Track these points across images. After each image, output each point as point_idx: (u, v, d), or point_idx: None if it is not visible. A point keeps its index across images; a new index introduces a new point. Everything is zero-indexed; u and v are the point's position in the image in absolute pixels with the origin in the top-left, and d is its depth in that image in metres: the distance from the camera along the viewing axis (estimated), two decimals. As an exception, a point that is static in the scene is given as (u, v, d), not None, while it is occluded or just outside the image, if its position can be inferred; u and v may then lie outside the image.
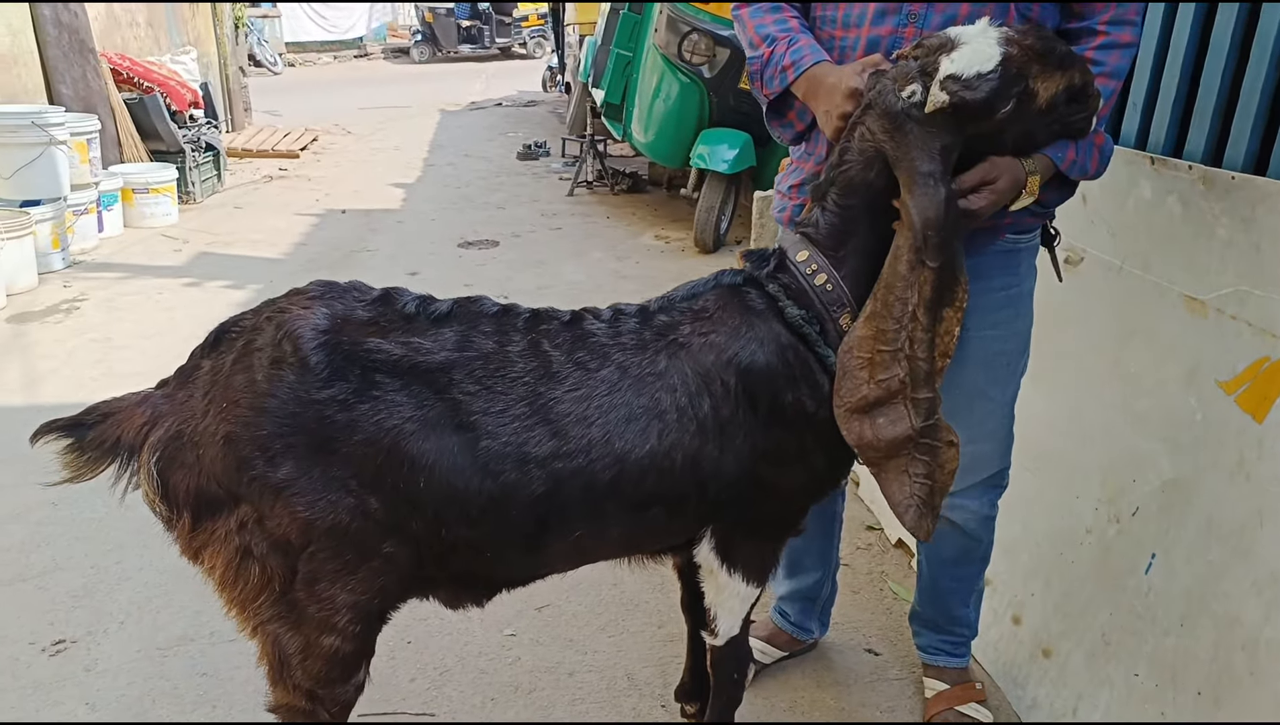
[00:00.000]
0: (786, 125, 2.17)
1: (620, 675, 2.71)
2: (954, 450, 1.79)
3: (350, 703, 1.84)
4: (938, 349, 1.77)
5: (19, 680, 2.63)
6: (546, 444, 1.67)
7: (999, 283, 2.11)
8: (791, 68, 1.99)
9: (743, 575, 2.01)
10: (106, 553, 3.21)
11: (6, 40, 6.79)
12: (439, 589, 1.88)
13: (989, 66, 1.66)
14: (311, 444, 1.60)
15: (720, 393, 1.78)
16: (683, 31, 6.86)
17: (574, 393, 1.70)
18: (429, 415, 1.64)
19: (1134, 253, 2.40)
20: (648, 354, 1.78)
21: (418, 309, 1.72)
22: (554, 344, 1.75)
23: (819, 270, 1.85)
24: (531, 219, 8.44)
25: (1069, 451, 2.61)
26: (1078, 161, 1.88)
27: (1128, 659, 2.28)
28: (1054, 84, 1.70)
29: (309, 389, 1.60)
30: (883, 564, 3.28)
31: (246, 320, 1.72)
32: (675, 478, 1.77)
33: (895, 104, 1.72)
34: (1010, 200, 1.82)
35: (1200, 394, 2.17)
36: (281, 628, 1.70)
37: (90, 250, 6.91)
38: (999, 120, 1.71)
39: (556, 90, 16.77)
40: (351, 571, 1.66)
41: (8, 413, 4.28)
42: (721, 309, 1.86)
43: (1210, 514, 2.12)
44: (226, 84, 12.00)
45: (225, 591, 1.69)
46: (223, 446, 1.60)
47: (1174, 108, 2.44)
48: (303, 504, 1.60)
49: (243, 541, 1.63)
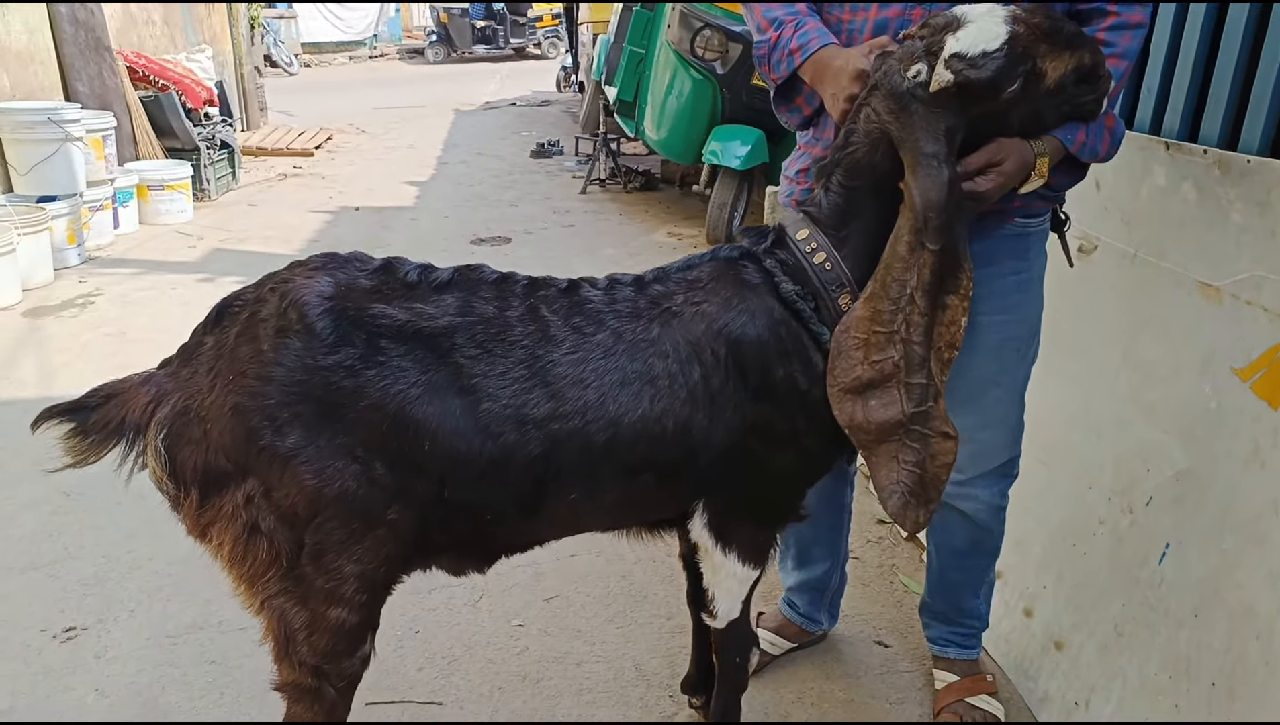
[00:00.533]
0: (794, 110, 2.16)
1: (628, 666, 2.70)
2: (950, 443, 1.77)
3: (356, 677, 1.83)
4: (945, 339, 1.75)
5: (30, 667, 2.64)
6: (544, 406, 1.69)
7: (1009, 267, 2.09)
8: (798, 51, 1.98)
9: (738, 555, 2.00)
10: (118, 542, 3.22)
11: (23, 38, 6.82)
12: (442, 556, 1.88)
13: (994, 45, 1.65)
14: (318, 411, 1.61)
15: (710, 362, 1.78)
16: (695, 27, 6.84)
17: (570, 356, 1.72)
18: (433, 379, 1.65)
19: (1148, 240, 2.37)
20: (641, 321, 1.79)
21: (419, 277, 1.73)
22: (552, 309, 1.76)
23: (818, 249, 1.84)
24: (544, 216, 8.44)
25: (1081, 442, 2.59)
26: (1088, 144, 1.85)
27: (1141, 651, 2.25)
28: (1062, 64, 1.69)
29: (315, 355, 1.61)
30: (893, 557, 3.27)
31: (249, 294, 1.72)
32: (666, 444, 1.77)
33: (900, 84, 1.71)
34: (1018, 183, 1.80)
35: (1215, 381, 2.14)
36: (288, 602, 1.70)
37: (106, 246, 6.95)
38: (1005, 100, 1.70)
39: (570, 90, 16.76)
40: (358, 540, 1.66)
41: (22, 405, 4.30)
42: (715, 281, 1.86)
43: (1225, 503, 2.09)
44: (242, 83, 12.05)
45: (233, 568, 1.69)
46: (231, 417, 1.60)
47: (1188, 91, 2.41)
48: (310, 472, 1.60)
49: (250, 516, 1.63)
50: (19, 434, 4.06)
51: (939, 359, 1.75)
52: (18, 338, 5.17)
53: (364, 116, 14.93)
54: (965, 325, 1.74)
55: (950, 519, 2.37)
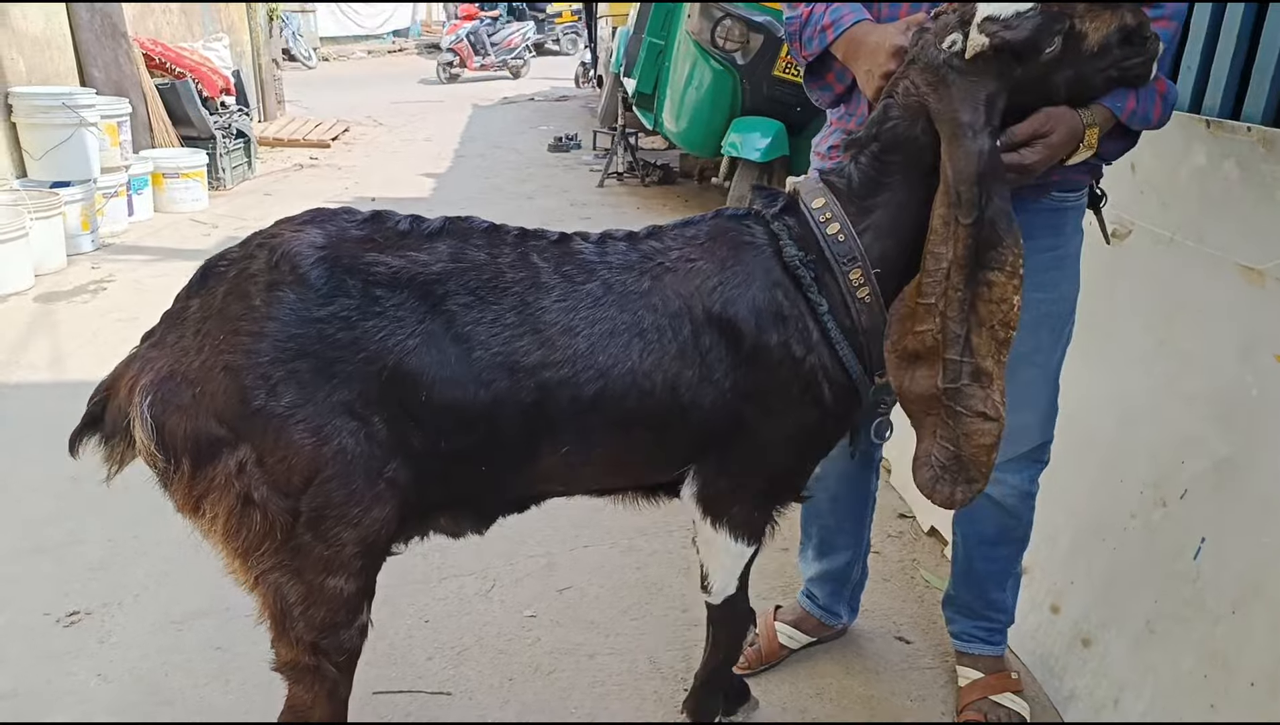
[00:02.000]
0: (825, 88, 2.11)
1: (642, 659, 2.63)
2: (990, 425, 1.69)
3: (356, 650, 1.79)
4: (997, 318, 1.67)
5: (34, 650, 2.60)
6: (534, 353, 1.67)
7: (1045, 243, 2.01)
8: (831, 27, 1.94)
9: (729, 530, 1.96)
10: (124, 526, 3.17)
11: (40, 23, 6.80)
12: (440, 515, 1.85)
13: (1027, 4, 1.59)
14: (314, 366, 1.56)
15: (701, 319, 1.74)
16: (716, 18, 6.76)
17: (560, 303, 1.69)
18: (429, 328, 1.62)
19: (1186, 222, 2.29)
20: (632, 274, 1.76)
21: (410, 226, 1.71)
22: (542, 257, 1.73)
23: (833, 219, 1.78)
24: (561, 209, 8.39)
25: (1113, 432, 2.51)
26: (1138, 111, 1.77)
27: (1174, 648, 2.17)
28: (1104, 24, 1.63)
29: (310, 307, 1.57)
30: (914, 552, 3.19)
31: (234, 252, 1.67)
32: (655, 399, 1.73)
33: (936, 56, 1.66)
34: (1066, 155, 1.73)
35: (1256, 369, 2.06)
36: (283, 576, 1.65)
37: (119, 233, 6.92)
38: (1045, 63, 1.64)
39: (589, 85, 16.72)
40: (357, 500, 1.61)
41: (34, 389, 4.28)
42: (713, 239, 1.82)
43: (1266, 494, 2.01)
44: (259, 73, 12.03)
45: (227, 542, 1.63)
46: (223, 378, 1.55)
47: (1231, 68, 2.33)
48: (306, 432, 1.55)
49: (243, 486, 1.57)
50: (29, 418, 4.09)
51: (995, 338, 1.67)
52: (30, 323, 5.14)
53: (381, 110, 14.91)
54: (1019, 304, 1.66)
55: (978, 505, 2.27)
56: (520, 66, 19.55)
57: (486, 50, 18.95)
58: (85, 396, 1.69)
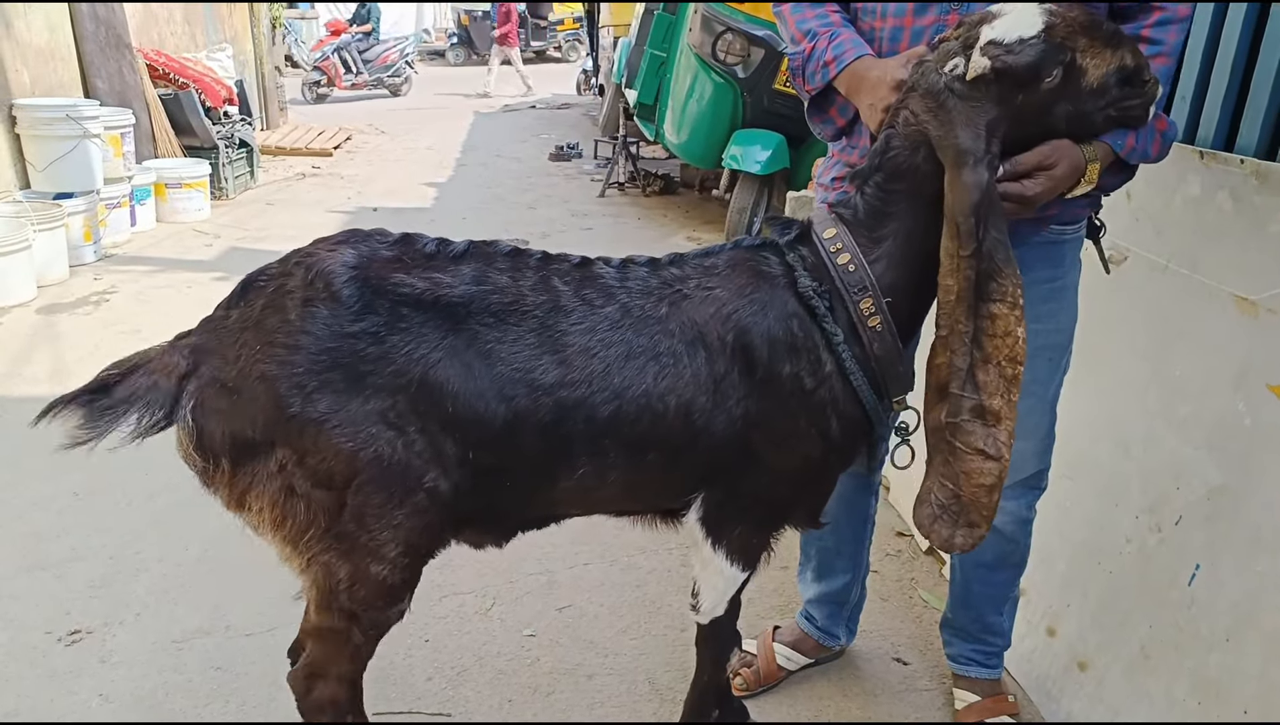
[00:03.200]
0: (828, 121, 2.13)
1: (641, 679, 2.65)
2: (990, 464, 1.70)
3: (386, 626, 1.87)
4: (1004, 353, 1.67)
5: (35, 669, 2.61)
6: (553, 372, 1.71)
7: (1044, 275, 2.03)
8: (834, 63, 1.96)
9: (726, 553, 1.98)
10: (126, 543, 3.19)
11: (44, 35, 6.83)
12: (466, 528, 1.89)
13: (1031, 32, 1.62)
14: (347, 377, 1.63)
15: (716, 347, 1.77)
16: (717, 31, 6.79)
17: (579, 326, 1.74)
18: (452, 343, 1.68)
19: (1181, 251, 2.31)
20: (651, 299, 1.79)
21: (437, 248, 1.77)
22: (564, 281, 1.78)
23: (843, 249, 1.80)
24: (562, 219, 8.41)
25: (1108, 458, 2.52)
26: (1138, 147, 1.80)
27: (1168, 674, 2.19)
28: (1104, 62, 1.64)
29: (342, 322, 1.64)
30: (913, 571, 3.20)
31: (273, 269, 1.75)
32: (668, 424, 1.76)
33: (938, 81, 1.68)
34: (1068, 188, 1.75)
35: (1249, 398, 2.08)
36: (333, 557, 1.73)
37: (122, 243, 6.93)
38: (1045, 92, 1.65)
39: (590, 93, 16.75)
40: (397, 505, 1.68)
41: (34, 402, 4.22)
42: (731, 268, 1.85)
43: (1259, 523, 2.03)
44: (262, 82, 12.05)
45: (276, 531, 1.71)
46: (259, 386, 1.62)
47: (1225, 99, 2.35)
48: (344, 436, 1.63)
49: (285, 480, 1.65)
50: (31, 432, 4.06)
51: (1003, 376, 1.68)
52: (32, 334, 5.15)
53: (383, 117, 14.94)
54: (1024, 337, 1.67)
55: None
56: (400, 84, 18.61)
57: (359, 68, 18.02)
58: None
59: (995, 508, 1.74)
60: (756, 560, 2.04)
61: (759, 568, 2.07)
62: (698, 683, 2.28)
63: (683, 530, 2.08)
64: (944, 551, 1.81)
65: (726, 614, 2.13)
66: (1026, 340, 1.68)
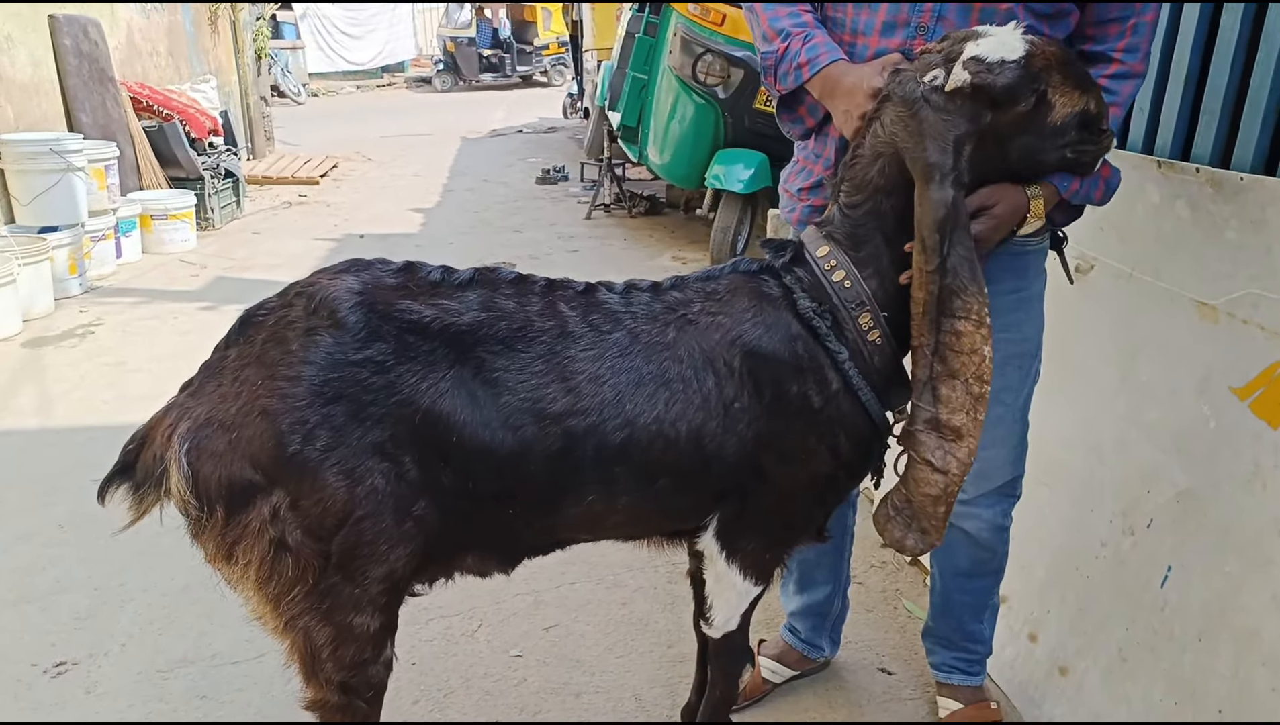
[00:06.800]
0: (797, 120, 2.14)
1: (628, 696, 2.66)
2: (936, 476, 1.74)
3: (382, 684, 1.84)
4: (970, 371, 1.69)
5: (20, 701, 2.61)
6: (561, 401, 1.70)
7: (1009, 286, 2.06)
8: (807, 65, 1.96)
9: (740, 568, 1.99)
10: (110, 574, 3.20)
11: (28, 70, 6.87)
12: (468, 554, 1.87)
13: (1014, 56, 1.66)
14: (349, 410, 1.60)
15: (724, 372, 1.78)
16: (697, 53, 6.85)
17: (587, 352, 1.73)
18: (460, 373, 1.66)
19: (1143, 259, 2.34)
20: (657, 325, 1.79)
21: (441, 276, 1.76)
22: (570, 306, 1.77)
23: (838, 266, 1.82)
24: (549, 242, 8.45)
25: (1081, 464, 2.55)
26: (1081, 190, 1.85)
27: (1145, 677, 2.21)
28: (1071, 102, 1.70)
29: (347, 351, 1.61)
30: (896, 582, 3.22)
31: (273, 302, 1.72)
32: (680, 450, 1.76)
33: (914, 90, 1.70)
34: (1012, 226, 1.80)
35: (1213, 401, 2.11)
36: (313, 620, 1.70)
37: (108, 276, 6.95)
38: (1013, 118, 1.69)
39: (576, 116, 16.81)
40: (386, 538, 1.66)
41: (19, 436, 4.29)
42: (733, 292, 1.86)
43: (1226, 524, 2.06)
44: (248, 112, 12.10)
45: (260, 589, 1.67)
46: (259, 422, 1.58)
47: (1180, 110, 2.39)
48: (339, 474, 1.59)
49: (276, 532, 1.61)
50: (16, 465, 4.11)
51: (970, 393, 1.70)
52: (17, 368, 5.16)
53: (371, 144, 14.98)
54: (990, 356, 1.69)
55: (953, 539, 2.33)
56: None
57: None
58: (72, 443, 1.72)
59: (944, 519, 1.77)
60: (770, 575, 2.05)
61: (772, 582, 2.09)
62: (711, 697, 2.27)
63: (681, 549, 2.11)
64: (897, 550, 1.85)
65: (739, 629, 2.13)
66: (993, 359, 1.70)
